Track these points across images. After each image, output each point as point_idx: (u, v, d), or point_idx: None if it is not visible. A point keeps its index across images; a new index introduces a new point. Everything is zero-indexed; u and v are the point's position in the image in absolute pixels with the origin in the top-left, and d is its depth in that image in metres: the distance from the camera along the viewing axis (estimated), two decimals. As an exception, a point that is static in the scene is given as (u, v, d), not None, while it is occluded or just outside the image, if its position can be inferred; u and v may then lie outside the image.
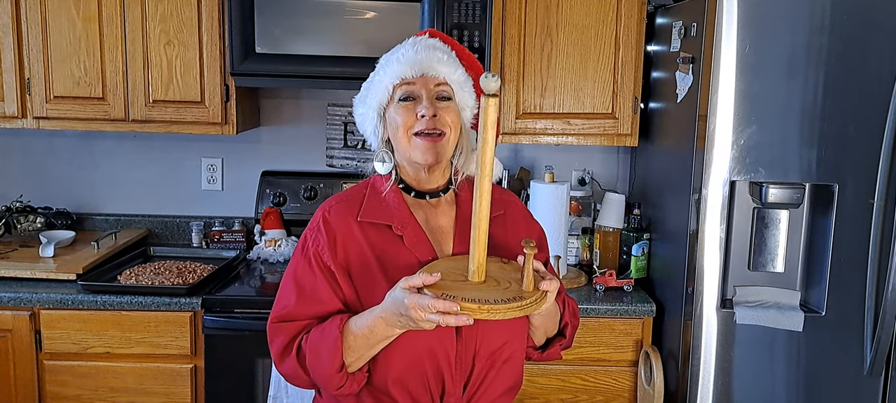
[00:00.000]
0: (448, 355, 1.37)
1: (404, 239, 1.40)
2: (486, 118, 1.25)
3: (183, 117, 2.41)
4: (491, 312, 1.23)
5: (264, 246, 2.62)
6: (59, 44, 2.36)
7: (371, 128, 1.46)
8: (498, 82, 1.25)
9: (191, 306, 2.19)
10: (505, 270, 1.36)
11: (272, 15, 2.27)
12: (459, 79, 1.43)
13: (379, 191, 1.45)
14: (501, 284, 1.31)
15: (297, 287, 1.41)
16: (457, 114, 1.41)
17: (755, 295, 2.07)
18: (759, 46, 1.93)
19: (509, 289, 1.29)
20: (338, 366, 1.33)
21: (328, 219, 1.42)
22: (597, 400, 2.31)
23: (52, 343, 2.20)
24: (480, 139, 1.28)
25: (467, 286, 1.29)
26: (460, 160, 1.46)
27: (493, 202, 1.50)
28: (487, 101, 1.25)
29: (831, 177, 1.98)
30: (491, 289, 1.29)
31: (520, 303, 1.25)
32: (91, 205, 2.84)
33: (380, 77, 1.42)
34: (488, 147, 1.27)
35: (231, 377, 2.22)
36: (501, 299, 1.25)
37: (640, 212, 2.55)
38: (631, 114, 2.44)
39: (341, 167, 2.79)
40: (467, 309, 1.22)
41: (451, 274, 1.32)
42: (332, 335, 1.33)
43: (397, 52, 1.42)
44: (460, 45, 1.49)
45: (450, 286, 1.27)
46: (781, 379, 2.08)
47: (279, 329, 1.41)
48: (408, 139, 1.39)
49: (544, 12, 2.39)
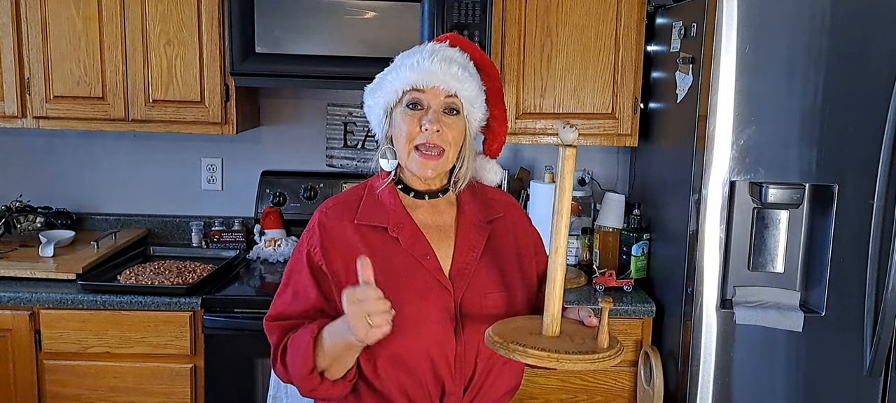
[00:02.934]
0: (447, 357, 1.36)
1: (400, 240, 1.40)
2: (563, 168, 1.24)
3: (183, 117, 2.41)
4: (560, 361, 1.20)
5: (264, 246, 2.62)
6: (58, 43, 2.36)
7: (376, 121, 1.46)
8: (576, 133, 1.24)
9: (190, 306, 2.19)
10: (580, 330, 1.33)
11: (272, 15, 2.27)
12: (471, 94, 1.41)
13: (376, 193, 1.45)
14: (575, 340, 1.27)
15: (289, 286, 1.43)
16: (460, 130, 1.40)
17: (755, 296, 2.07)
18: (759, 46, 1.93)
19: (583, 345, 1.25)
20: (308, 369, 1.33)
21: (323, 222, 1.42)
22: (596, 400, 2.31)
23: (52, 343, 2.20)
24: (557, 189, 1.26)
25: (539, 338, 1.27)
26: (461, 169, 1.45)
27: (494, 204, 1.51)
28: (566, 152, 1.24)
29: (831, 178, 1.97)
30: (564, 343, 1.26)
31: (593, 356, 1.21)
32: (91, 205, 2.84)
33: (392, 78, 1.41)
34: (566, 196, 1.26)
35: (231, 377, 2.22)
36: (574, 350, 1.22)
37: (639, 212, 2.55)
38: (631, 115, 2.44)
39: (341, 167, 2.79)
40: (536, 356, 1.20)
41: (526, 329, 1.30)
42: (305, 338, 1.33)
43: (414, 57, 1.40)
44: (480, 52, 1.47)
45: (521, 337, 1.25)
46: (781, 379, 2.08)
47: (271, 327, 1.42)
48: (407, 151, 1.39)
49: (544, 12, 2.39)
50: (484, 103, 1.45)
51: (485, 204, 1.50)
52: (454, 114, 1.39)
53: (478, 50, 1.47)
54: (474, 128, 1.46)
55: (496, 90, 1.48)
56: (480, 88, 1.44)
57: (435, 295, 1.37)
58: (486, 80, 1.46)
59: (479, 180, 1.52)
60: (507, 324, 1.32)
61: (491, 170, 1.52)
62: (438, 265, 1.40)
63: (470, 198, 1.49)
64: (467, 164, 1.45)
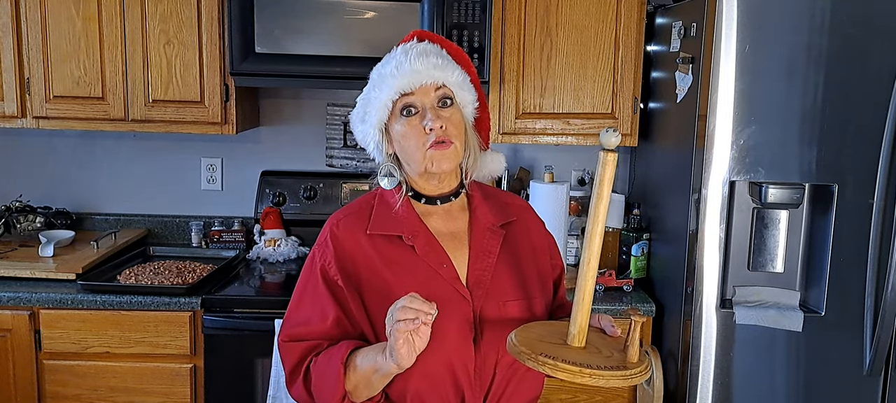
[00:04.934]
0: (467, 367, 1.33)
1: (416, 248, 1.37)
2: (603, 174, 1.20)
3: (182, 117, 2.41)
4: (593, 377, 1.15)
5: (264, 246, 2.62)
6: (58, 43, 2.36)
7: (374, 144, 1.42)
8: (618, 138, 1.19)
9: (190, 306, 2.19)
10: (606, 341, 1.28)
11: (272, 15, 2.27)
12: (458, 80, 1.38)
13: (387, 202, 1.41)
14: (603, 352, 1.22)
15: (305, 304, 1.39)
16: (459, 119, 1.38)
17: (755, 295, 2.07)
18: (759, 46, 1.93)
19: (611, 358, 1.20)
20: (339, 397, 1.30)
21: (336, 234, 1.39)
22: (596, 400, 2.31)
23: (52, 343, 2.20)
24: (595, 194, 1.22)
25: (566, 349, 1.22)
26: (470, 160, 1.43)
27: (507, 208, 1.48)
28: (606, 157, 1.20)
29: (831, 177, 1.97)
30: (592, 355, 1.20)
31: (624, 373, 1.16)
32: (91, 205, 2.84)
33: (377, 94, 1.37)
34: (603, 202, 1.21)
35: (230, 377, 2.21)
36: (604, 366, 1.16)
37: (639, 212, 2.55)
38: (631, 114, 2.44)
39: (341, 167, 2.79)
40: (568, 371, 1.15)
41: (549, 337, 1.25)
42: (335, 366, 1.30)
43: (390, 65, 1.36)
44: (448, 42, 1.45)
45: (547, 348, 1.20)
46: (781, 379, 2.08)
47: (287, 349, 1.39)
48: (423, 154, 1.34)
49: (544, 12, 2.39)
50: (470, 84, 1.42)
51: (498, 208, 1.47)
52: (449, 105, 1.37)
53: (445, 40, 1.44)
54: (469, 114, 1.43)
55: (472, 76, 1.44)
56: (463, 73, 1.40)
57: (453, 306, 1.33)
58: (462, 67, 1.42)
59: (485, 173, 1.47)
60: (527, 331, 1.28)
61: (493, 159, 1.47)
62: (456, 274, 1.37)
63: (481, 201, 1.46)
64: (474, 153, 1.43)
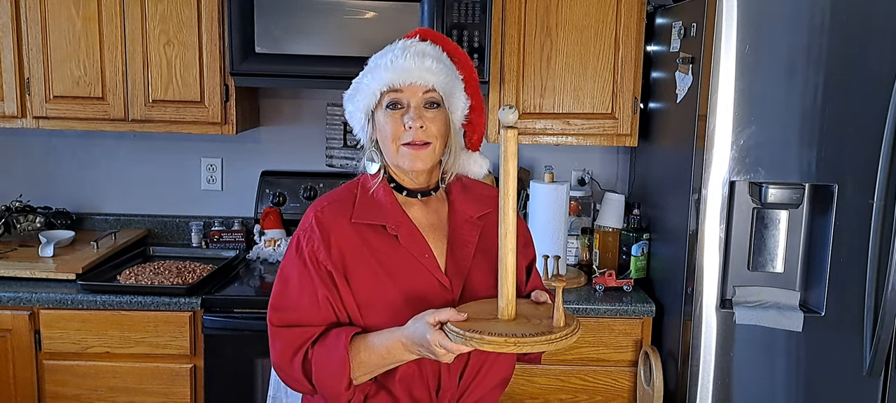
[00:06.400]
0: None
1: (399, 238, 1.41)
2: (506, 150, 1.24)
3: (182, 117, 2.41)
4: (518, 345, 1.20)
5: (264, 246, 2.62)
6: (58, 43, 2.36)
7: (359, 126, 1.46)
8: (516, 114, 1.24)
9: (190, 306, 2.19)
10: (537, 310, 1.34)
11: (272, 15, 2.27)
12: (449, 85, 1.41)
13: (368, 190, 1.45)
14: (531, 321, 1.28)
15: (292, 289, 1.41)
16: (444, 121, 1.40)
17: (755, 295, 2.07)
18: (759, 46, 1.92)
19: (539, 325, 1.26)
20: (346, 384, 1.34)
21: (321, 219, 1.41)
22: (596, 400, 2.31)
23: (52, 343, 2.20)
24: (502, 171, 1.26)
25: (495, 323, 1.27)
26: (449, 161, 1.46)
27: (484, 199, 1.51)
28: (507, 134, 1.24)
29: (831, 178, 1.97)
30: (521, 325, 1.26)
31: (548, 337, 1.22)
32: (90, 205, 2.84)
33: (368, 81, 1.41)
34: (510, 179, 1.26)
35: (230, 377, 2.22)
36: (530, 333, 1.22)
37: (639, 212, 2.55)
38: (630, 114, 2.44)
39: (341, 167, 2.79)
40: (493, 343, 1.20)
41: (482, 314, 1.30)
42: (339, 353, 1.33)
43: (386, 56, 1.40)
44: (452, 43, 1.47)
45: (479, 324, 1.25)
46: (781, 379, 2.08)
47: (280, 334, 1.41)
48: (396, 149, 1.39)
49: (544, 12, 2.39)
50: (463, 91, 1.45)
51: (476, 200, 1.51)
52: (435, 108, 1.39)
53: (448, 41, 1.46)
54: (458, 119, 1.45)
55: (472, 80, 1.47)
56: (457, 78, 1.43)
57: (434, 294, 1.39)
58: (462, 70, 1.45)
59: (465, 174, 1.52)
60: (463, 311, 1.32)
61: (475, 162, 1.51)
62: (436, 263, 1.42)
63: (460, 194, 1.50)
64: (454, 156, 1.46)
